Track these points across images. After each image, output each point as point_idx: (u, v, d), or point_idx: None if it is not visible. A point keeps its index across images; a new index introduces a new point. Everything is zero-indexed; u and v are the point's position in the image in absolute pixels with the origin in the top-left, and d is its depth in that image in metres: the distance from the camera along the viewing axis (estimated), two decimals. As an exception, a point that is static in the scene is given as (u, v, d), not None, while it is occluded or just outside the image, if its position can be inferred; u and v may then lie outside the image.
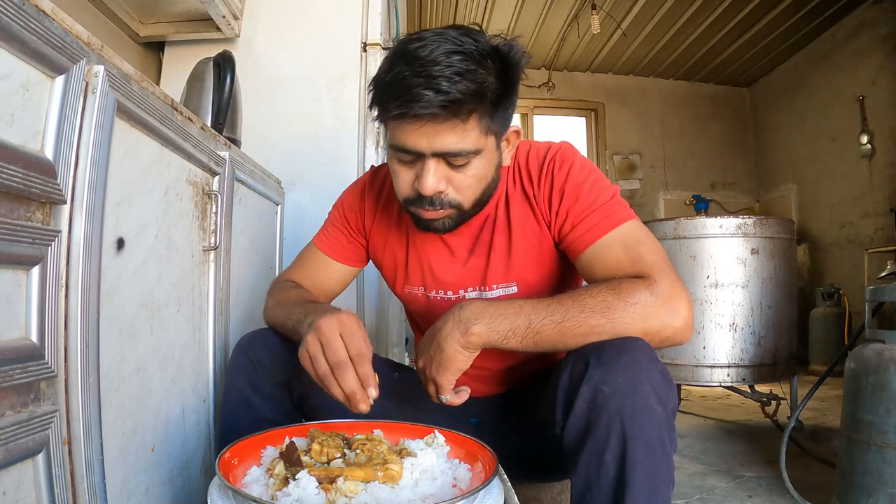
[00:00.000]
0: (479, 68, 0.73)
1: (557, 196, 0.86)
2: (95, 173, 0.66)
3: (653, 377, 0.66)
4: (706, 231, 2.34)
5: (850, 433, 1.41)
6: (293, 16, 1.83)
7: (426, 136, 0.74)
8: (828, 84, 4.58)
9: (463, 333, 0.73)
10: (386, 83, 0.75)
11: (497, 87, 0.75)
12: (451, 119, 0.73)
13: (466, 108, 0.72)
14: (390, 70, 0.74)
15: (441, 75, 0.70)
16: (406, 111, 0.72)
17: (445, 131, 0.74)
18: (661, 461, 0.66)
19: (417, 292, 0.98)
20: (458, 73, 0.71)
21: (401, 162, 0.80)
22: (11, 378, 0.55)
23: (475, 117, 0.74)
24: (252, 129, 1.56)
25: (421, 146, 0.75)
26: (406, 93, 0.71)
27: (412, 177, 0.80)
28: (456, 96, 0.71)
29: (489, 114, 0.76)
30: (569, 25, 4.57)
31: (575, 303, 0.73)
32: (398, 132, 0.77)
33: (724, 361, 2.32)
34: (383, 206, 1.01)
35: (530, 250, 0.90)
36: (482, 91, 0.73)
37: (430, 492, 0.61)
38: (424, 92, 0.70)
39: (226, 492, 0.58)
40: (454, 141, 0.75)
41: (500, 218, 0.91)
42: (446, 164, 0.78)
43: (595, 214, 0.82)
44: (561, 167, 0.86)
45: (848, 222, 4.38)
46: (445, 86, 0.70)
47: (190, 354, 0.97)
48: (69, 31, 0.62)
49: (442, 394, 0.78)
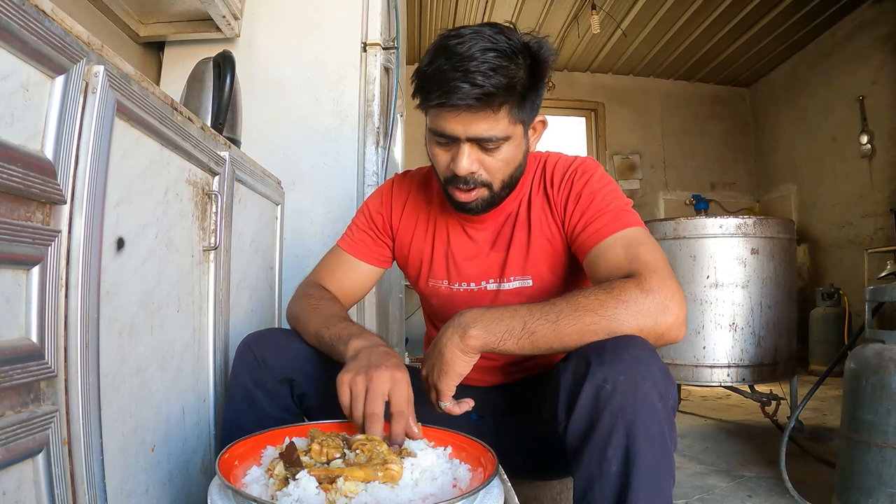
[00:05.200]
0: (510, 64, 0.80)
1: (574, 199, 0.92)
2: (95, 173, 0.66)
3: (654, 374, 0.67)
4: (706, 231, 2.34)
5: (850, 433, 1.41)
6: (293, 16, 1.83)
7: (462, 123, 0.82)
8: (828, 84, 4.58)
9: (461, 337, 0.76)
10: (427, 75, 0.83)
11: (526, 81, 0.83)
12: (485, 109, 0.81)
13: (498, 100, 0.80)
14: (431, 63, 0.82)
15: (477, 70, 0.78)
16: (445, 101, 0.80)
17: (479, 120, 0.82)
18: (663, 457, 0.66)
19: (441, 286, 1.03)
20: (492, 69, 0.78)
21: (439, 145, 0.88)
22: (11, 378, 0.55)
23: (506, 108, 0.82)
24: (252, 129, 1.56)
25: (457, 132, 0.83)
26: (445, 85, 0.79)
27: (449, 159, 0.88)
28: (489, 90, 0.78)
29: (518, 105, 0.83)
30: (569, 25, 4.57)
31: (568, 303, 0.75)
32: (438, 119, 0.85)
33: (724, 361, 2.32)
34: (410, 206, 1.08)
35: (546, 246, 0.96)
36: (513, 85, 0.81)
37: (430, 492, 0.61)
38: (462, 85, 0.78)
39: (226, 492, 0.58)
40: (486, 128, 0.83)
41: (522, 216, 0.98)
42: (479, 148, 0.85)
43: (604, 216, 0.88)
44: (582, 176, 0.94)
45: (848, 222, 4.38)
46: (480, 80, 0.78)
47: (190, 354, 0.97)
48: (69, 31, 0.62)
49: (442, 400, 0.79)
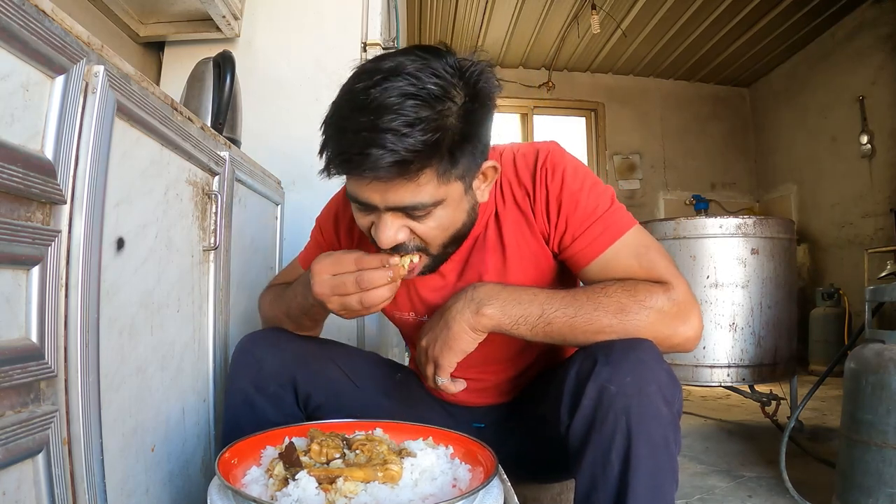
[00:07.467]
0: (434, 114, 0.64)
1: (555, 206, 0.81)
2: (95, 173, 0.66)
3: (659, 377, 0.67)
4: (706, 231, 2.34)
5: (850, 433, 1.40)
6: (293, 16, 1.83)
7: (377, 191, 0.68)
8: (828, 84, 4.58)
9: (474, 313, 0.72)
10: (330, 130, 0.68)
11: (460, 129, 0.67)
12: (400, 178, 0.65)
13: (415, 165, 0.64)
14: (336, 113, 0.68)
15: (388, 128, 0.62)
16: (348, 170, 0.67)
17: (396, 187, 0.67)
18: (666, 461, 0.66)
19: (407, 317, 0.94)
20: (408, 125, 0.63)
21: (358, 209, 0.74)
22: (11, 378, 0.55)
23: (429, 171, 0.66)
24: (252, 129, 1.56)
25: (374, 200, 0.69)
26: (349, 149, 0.64)
27: (369, 224, 0.74)
28: (402, 155, 0.63)
29: (448, 162, 0.67)
30: (569, 25, 4.57)
31: (589, 299, 0.73)
32: (350, 182, 0.71)
33: (724, 361, 2.31)
34: (360, 230, 0.96)
35: (528, 269, 0.85)
36: (437, 142, 0.64)
37: (430, 492, 0.61)
38: (368, 149, 0.62)
39: (226, 492, 0.58)
40: (408, 197, 0.68)
41: (491, 237, 0.85)
42: (405, 215, 0.71)
43: (597, 225, 0.79)
44: (554, 175, 0.81)
45: (848, 222, 4.38)
46: (391, 142, 0.62)
47: (190, 354, 0.97)
48: (69, 31, 0.62)
49: (441, 375, 0.75)
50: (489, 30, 4.64)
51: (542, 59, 5.22)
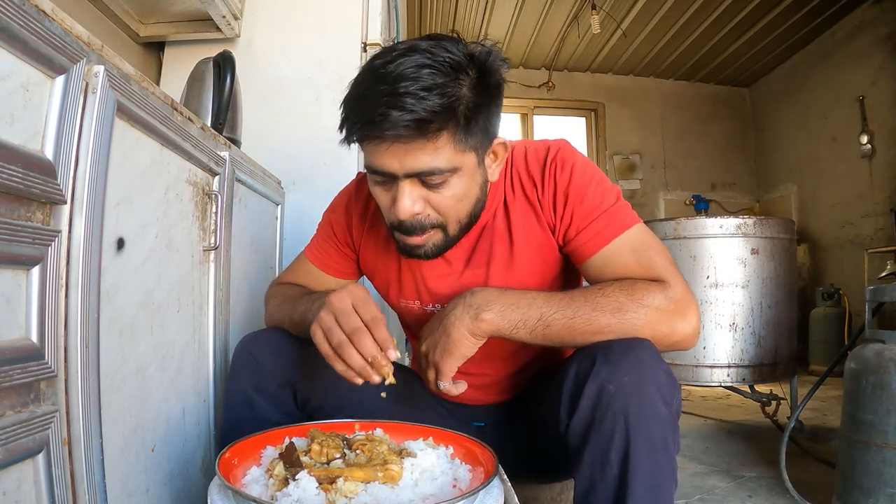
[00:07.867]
0: (450, 81, 0.69)
1: (562, 199, 0.83)
2: (95, 173, 0.66)
3: (658, 377, 0.67)
4: (706, 231, 2.34)
5: (850, 433, 1.40)
6: (293, 16, 1.83)
7: (396, 156, 0.70)
8: (828, 84, 4.58)
9: (473, 319, 0.73)
10: (351, 102, 0.72)
11: (472, 100, 0.71)
12: (419, 138, 0.68)
13: (434, 126, 0.68)
14: (356, 88, 0.72)
15: (407, 92, 0.66)
16: (369, 132, 0.69)
17: (415, 151, 0.69)
18: (664, 461, 0.66)
19: (413, 305, 0.95)
20: (425, 89, 0.67)
21: (377, 184, 0.76)
22: (11, 378, 0.55)
23: (446, 134, 0.70)
24: (252, 129, 1.56)
25: (392, 167, 0.71)
26: (369, 113, 0.68)
27: (390, 200, 0.76)
28: (421, 115, 0.66)
29: (464, 129, 0.71)
30: (569, 25, 4.57)
31: (587, 300, 0.73)
32: (369, 153, 0.73)
33: (724, 361, 2.31)
34: (371, 217, 0.97)
35: (535, 259, 0.86)
36: (452, 106, 0.68)
37: (430, 492, 0.61)
38: (388, 111, 0.66)
39: (226, 492, 0.58)
40: (426, 160, 0.70)
41: (500, 226, 0.87)
42: (422, 184, 0.73)
43: (601, 219, 0.80)
44: (563, 169, 0.83)
45: (848, 222, 4.38)
46: (410, 104, 0.66)
47: (190, 354, 0.97)
48: (69, 31, 0.62)
49: (442, 380, 0.76)
50: (489, 30, 4.63)
51: (543, 59, 5.22)
